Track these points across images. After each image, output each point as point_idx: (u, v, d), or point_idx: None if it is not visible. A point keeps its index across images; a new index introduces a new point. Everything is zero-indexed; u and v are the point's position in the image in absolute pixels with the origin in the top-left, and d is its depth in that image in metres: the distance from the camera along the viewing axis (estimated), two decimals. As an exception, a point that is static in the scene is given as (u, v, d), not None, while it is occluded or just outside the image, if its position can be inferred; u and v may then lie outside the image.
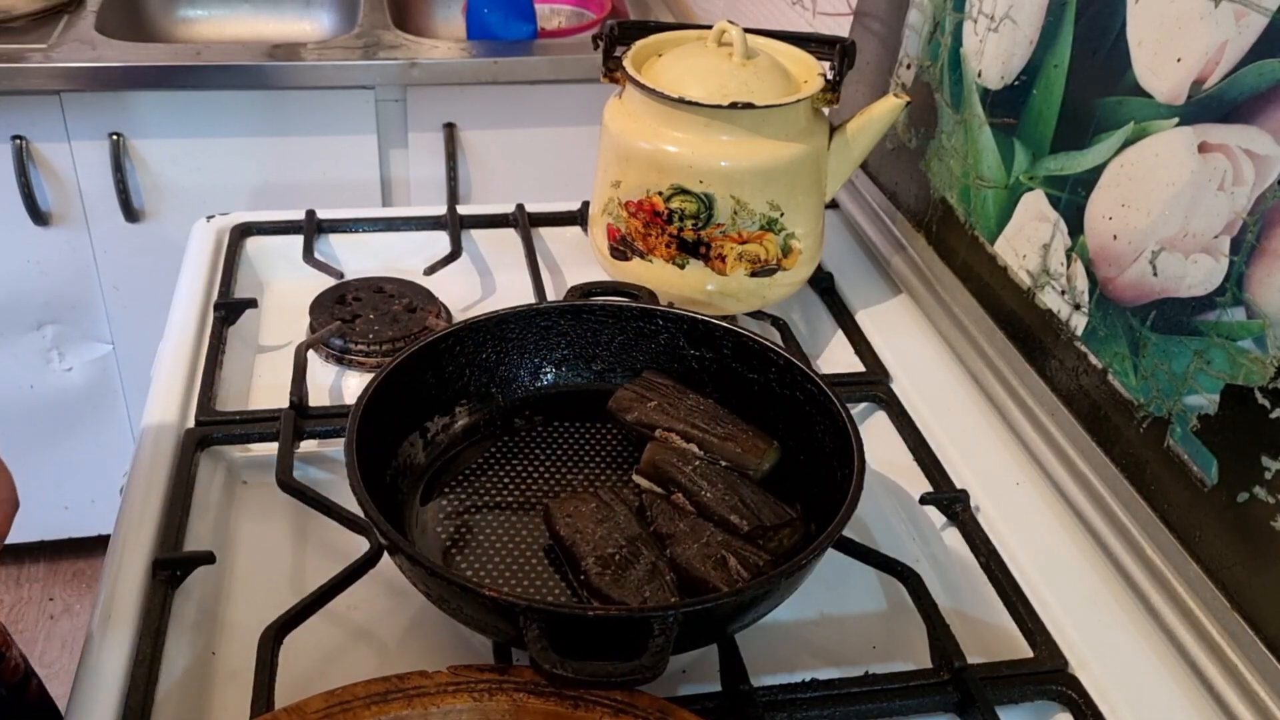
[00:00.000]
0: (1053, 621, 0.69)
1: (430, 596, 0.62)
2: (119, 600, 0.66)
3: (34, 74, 1.54)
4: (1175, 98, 0.70)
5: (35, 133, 1.60)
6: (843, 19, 1.29)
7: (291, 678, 0.63)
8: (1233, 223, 0.65)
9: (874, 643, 0.69)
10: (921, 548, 0.77)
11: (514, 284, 1.04)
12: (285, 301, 1.01)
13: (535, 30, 1.76)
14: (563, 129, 1.72)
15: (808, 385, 0.74)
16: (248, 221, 1.07)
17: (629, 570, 0.64)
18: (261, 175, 1.69)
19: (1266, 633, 0.62)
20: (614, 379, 0.83)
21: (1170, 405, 0.70)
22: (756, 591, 0.59)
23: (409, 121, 1.68)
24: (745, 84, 0.86)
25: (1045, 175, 0.83)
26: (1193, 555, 0.68)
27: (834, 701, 0.63)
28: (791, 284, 0.94)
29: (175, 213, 1.70)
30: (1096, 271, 0.78)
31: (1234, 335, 0.65)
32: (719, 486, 0.71)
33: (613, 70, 0.92)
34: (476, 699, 0.55)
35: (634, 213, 0.90)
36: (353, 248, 1.07)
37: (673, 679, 0.65)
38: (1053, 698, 0.65)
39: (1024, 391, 0.85)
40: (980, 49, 0.91)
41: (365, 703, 0.54)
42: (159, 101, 1.61)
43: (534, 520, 0.71)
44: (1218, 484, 0.66)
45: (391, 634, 0.68)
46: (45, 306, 1.77)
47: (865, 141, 0.93)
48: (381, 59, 1.62)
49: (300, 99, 1.64)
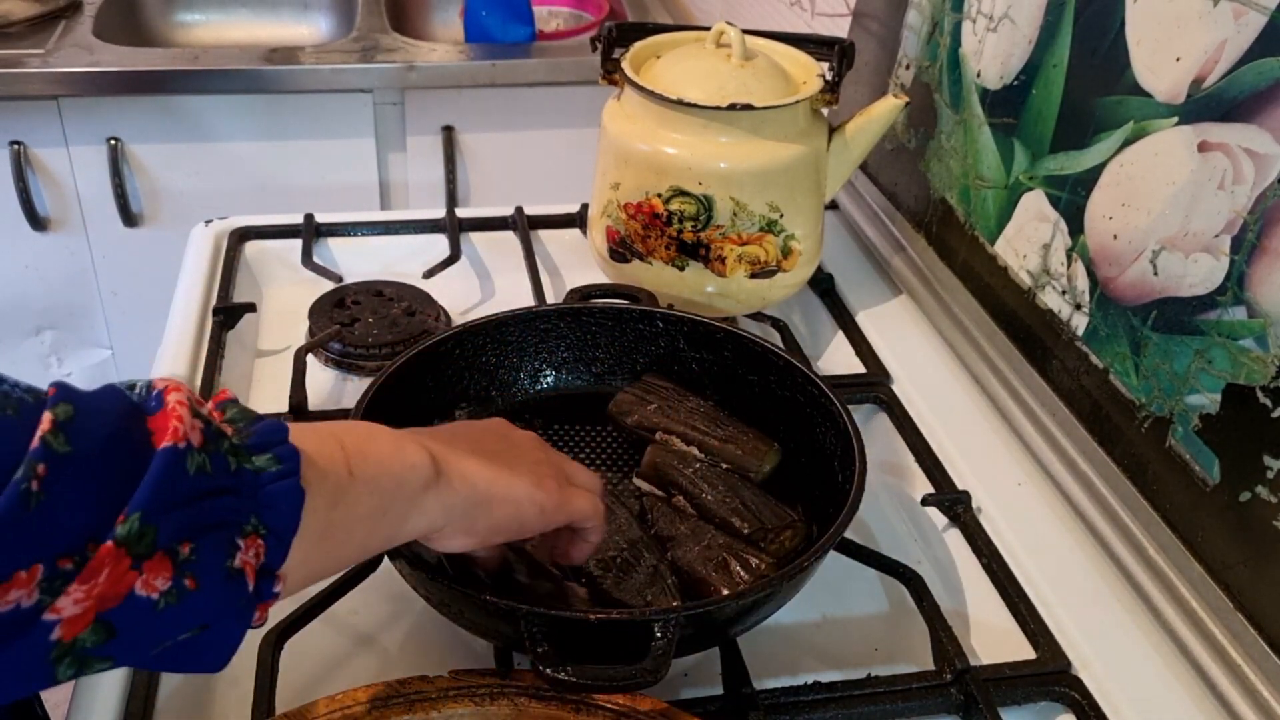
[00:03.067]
0: (1055, 622, 0.69)
1: (431, 601, 0.62)
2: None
3: (32, 79, 1.54)
4: (1174, 97, 0.70)
5: (33, 138, 1.60)
6: (841, 20, 1.29)
7: (292, 683, 0.63)
8: (1233, 221, 0.65)
9: (876, 645, 0.69)
10: (923, 549, 0.77)
11: (513, 287, 1.04)
12: (284, 306, 1.01)
13: (533, 33, 1.76)
14: (561, 131, 1.72)
15: (808, 387, 0.74)
16: (246, 226, 1.07)
17: (630, 573, 0.64)
18: (260, 179, 1.69)
19: (1269, 632, 0.62)
20: (614, 382, 0.82)
21: (1172, 405, 0.70)
22: (758, 594, 0.59)
23: (407, 124, 1.68)
24: (744, 85, 0.86)
25: (1045, 175, 0.83)
26: (1195, 555, 0.68)
27: (836, 704, 0.63)
28: (791, 285, 0.94)
29: (173, 217, 1.70)
30: (1097, 271, 0.77)
31: (1235, 334, 0.65)
32: (720, 489, 0.71)
33: (611, 72, 0.92)
34: (478, 704, 0.55)
35: (633, 215, 0.90)
36: (351, 251, 1.07)
37: (674, 682, 0.65)
38: (1056, 699, 0.65)
39: (1025, 392, 0.85)
40: (979, 49, 0.91)
41: (366, 708, 0.54)
42: (157, 106, 1.61)
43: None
44: (1220, 483, 0.66)
45: (392, 639, 0.68)
46: (44, 312, 1.77)
47: (864, 142, 0.92)
48: (379, 62, 1.62)
49: (298, 103, 1.63)
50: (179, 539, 0.38)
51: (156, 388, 0.40)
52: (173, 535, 0.37)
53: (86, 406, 0.37)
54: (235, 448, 0.41)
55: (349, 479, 0.45)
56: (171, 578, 0.37)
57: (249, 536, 0.40)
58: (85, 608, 0.35)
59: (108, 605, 0.36)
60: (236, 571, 0.40)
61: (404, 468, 0.48)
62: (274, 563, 0.41)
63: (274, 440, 0.42)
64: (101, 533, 0.36)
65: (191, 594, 0.38)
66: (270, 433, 0.43)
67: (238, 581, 0.40)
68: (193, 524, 0.38)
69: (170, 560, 0.37)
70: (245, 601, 0.40)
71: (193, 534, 0.38)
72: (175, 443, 0.38)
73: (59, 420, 0.35)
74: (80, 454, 0.35)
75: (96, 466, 0.36)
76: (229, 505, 0.39)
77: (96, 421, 0.37)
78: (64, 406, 0.36)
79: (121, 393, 0.40)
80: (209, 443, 0.39)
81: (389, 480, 0.48)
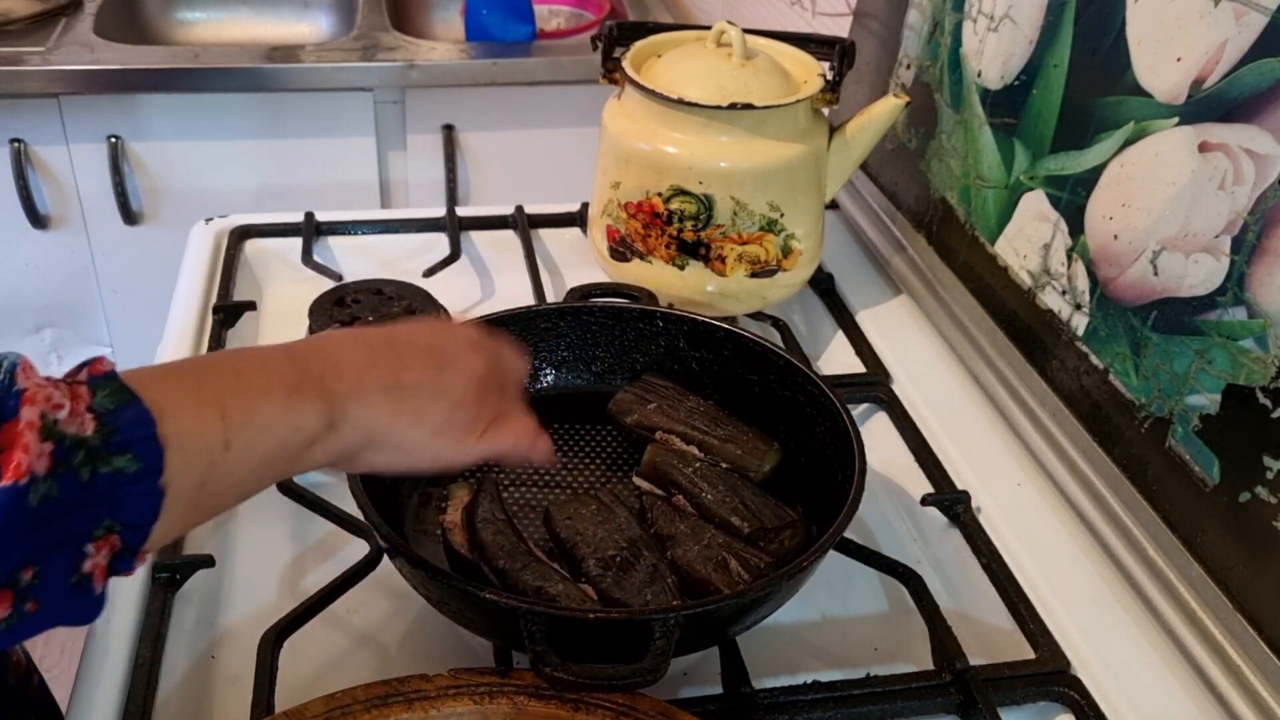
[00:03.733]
0: (1054, 622, 0.69)
1: (430, 599, 0.62)
2: (118, 604, 0.66)
3: (32, 77, 1.54)
4: (1175, 97, 0.70)
5: (34, 136, 1.60)
6: (842, 19, 1.29)
7: (291, 681, 0.63)
8: (1233, 222, 0.65)
9: (876, 644, 0.69)
10: (923, 549, 0.77)
11: (513, 286, 1.04)
12: (284, 304, 1.01)
13: (534, 31, 1.76)
14: (562, 130, 1.72)
15: (808, 386, 0.74)
16: (246, 224, 1.07)
17: (630, 572, 0.64)
18: (260, 178, 1.69)
19: (1269, 633, 0.62)
20: (614, 381, 0.82)
21: (1172, 405, 0.70)
22: (758, 593, 0.59)
23: (408, 123, 1.68)
24: (744, 85, 0.86)
25: (1045, 175, 0.83)
26: (1195, 555, 0.68)
27: (836, 703, 0.63)
28: (791, 285, 0.94)
29: (174, 215, 1.70)
30: (1097, 271, 0.77)
31: (1235, 335, 0.65)
32: (720, 488, 0.71)
33: (612, 71, 0.92)
34: (477, 702, 0.55)
35: (633, 214, 0.90)
36: (352, 250, 1.07)
37: (674, 681, 0.65)
38: (1055, 699, 0.65)
39: (1025, 392, 0.85)
40: (980, 49, 0.91)
41: (365, 706, 0.54)
42: (157, 104, 1.61)
43: (534, 522, 0.71)
44: (1219, 484, 0.66)
45: (391, 637, 0.68)
46: (44, 310, 1.77)
47: (865, 142, 0.92)
48: (380, 61, 1.62)
49: (299, 101, 1.63)
50: (21, 567, 0.38)
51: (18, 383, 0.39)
52: (14, 566, 0.38)
53: None
54: (92, 452, 0.40)
55: (224, 454, 0.44)
56: (12, 605, 0.38)
57: (100, 540, 0.40)
58: None
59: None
60: (84, 578, 0.40)
61: (290, 429, 0.47)
62: (134, 545, 0.42)
63: (138, 436, 0.41)
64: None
65: (33, 614, 0.39)
66: (135, 426, 0.41)
67: (83, 588, 0.40)
68: (35, 549, 0.38)
69: (10, 591, 0.38)
70: (92, 601, 0.41)
71: (36, 558, 0.38)
72: (16, 480, 0.37)
73: None
74: None
75: None
76: (78, 519, 0.39)
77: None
78: None
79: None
80: (58, 464, 0.38)
81: (271, 443, 0.46)
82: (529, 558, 0.65)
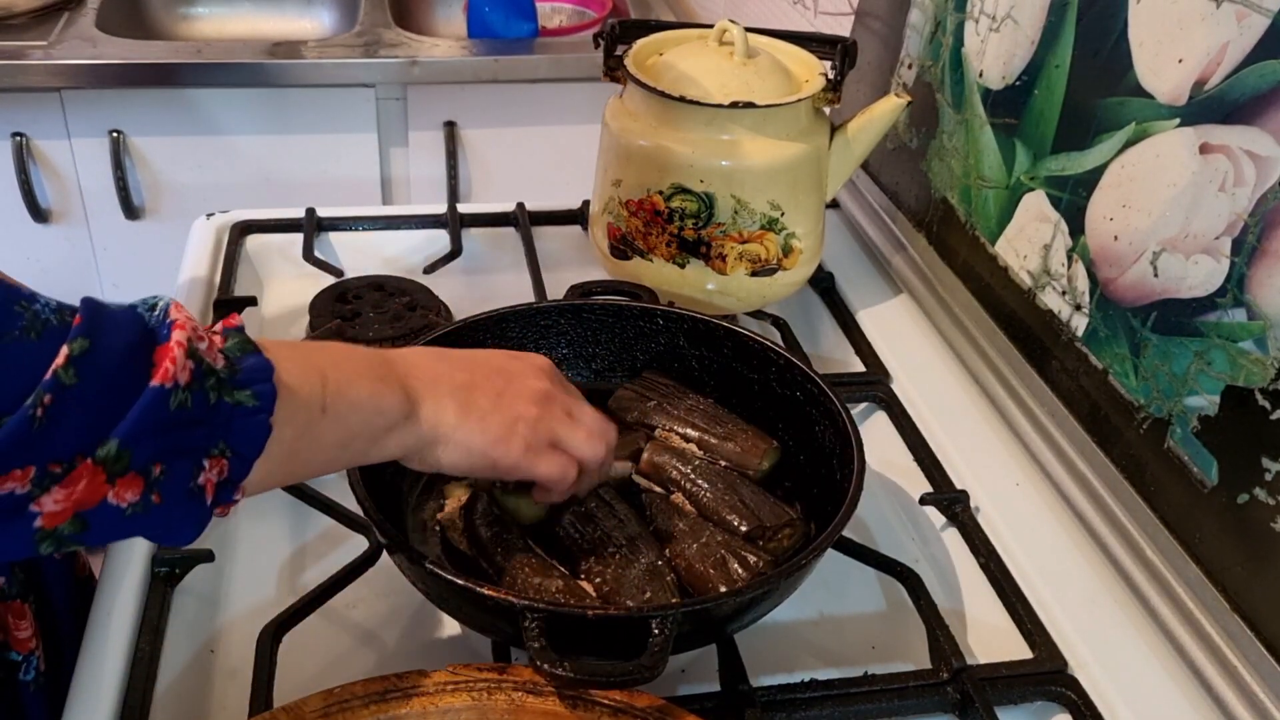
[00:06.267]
0: (1052, 622, 0.69)
1: (429, 595, 0.62)
2: (118, 598, 0.66)
3: (34, 71, 1.54)
4: (1176, 98, 0.70)
5: (35, 130, 1.60)
6: (844, 18, 1.29)
7: (290, 676, 0.63)
8: (1234, 224, 0.65)
9: (873, 643, 0.69)
10: (921, 548, 0.77)
11: (514, 283, 1.04)
12: (285, 299, 1.01)
13: (536, 29, 1.76)
14: (563, 128, 1.72)
15: (808, 385, 0.74)
16: (248, 219, 1.07)
17: (628, 570, 0.64)
18: (262, 173, 1.69)
19: (1266, 634, 0.62)
20: (614, 378, 0.83)
21: (1171, 406, 0.70)
22: (756, 592, 0.59)
23: (409, 120, 1.68)
24: (746, 83, 0.86)
25: (1046, 175, 0.83)
26: (1192, 556, 0.68)
27: (833, 702, 0.63)
28: (792, 284, 0.94)
29: (175, 210, 1.70)
30: (1097, 272, 0.77)
31: (1235, 336, 0.65)
32: (719, 486, 0.71)
33: (614, 69, 0.92)
34: (475, 698, 0.55)
35: (634, 212, 0.90)
36: (353, 246, 1.07)
37: (672, 679, 0.65)
38: (1052, 698, 0.65)
39: (1024, 392, 0.85)
40: (981, 49, 0.91)
41: (364, 701, 0.54)
42: (159, 99, 1.61)
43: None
44: (1218, 485, 0.66)
45: (390, 633, 0.68)
46: (45, 304, 1.76)
47: (866, 141, 0.92)
48: (382, 57, 1.62)
49: (301, 97, 1.63)
50: (151, 461, 0.44)
51: (170, 316, 0.46)
52: (146, 459, 0.44)
53: (100, 343, 0.42)
54: (220, 382, 0.46)
55: (320, 416, 0.51)
56: (141, 493, 0.44)
57: (214, 457, 0.47)
58: (64, 507, 0.42)
59: (84, 507, 0.43)
60: (198, 489, 0.46)
61: (375, 412, 0.54)
62: (237, 477, 0.48)
63: (257, 378, 0.48)
64: (87, 450, 0.42)
65: (156, 507, 0.45)
66: (256, 370, 0.48)
67: (197, 499, 0.47)
68: (166, 449, 0.45)
69: (142, 479, 0.44)
70: (202, 513, 0.48)
71: (164, 457, 0.45)
72: (163, 383, 0.44)
73: (73, 355, 0.41)
74: (84, 386, 0.42)
75: (94, 398, 0.42)
76: (201, 434, 0.46)
77: (106, 357, 0.43)
78: (80, 342, 0.42)
79: (139, 321, 0.45)
80: (195, 381, 0.45)
81: (358, 420, 0.53)
82: (528, 554, 0.65)
